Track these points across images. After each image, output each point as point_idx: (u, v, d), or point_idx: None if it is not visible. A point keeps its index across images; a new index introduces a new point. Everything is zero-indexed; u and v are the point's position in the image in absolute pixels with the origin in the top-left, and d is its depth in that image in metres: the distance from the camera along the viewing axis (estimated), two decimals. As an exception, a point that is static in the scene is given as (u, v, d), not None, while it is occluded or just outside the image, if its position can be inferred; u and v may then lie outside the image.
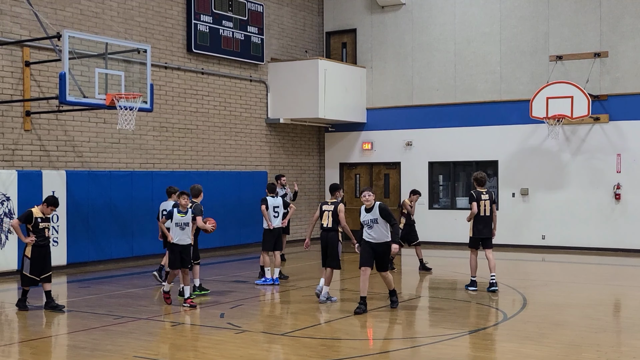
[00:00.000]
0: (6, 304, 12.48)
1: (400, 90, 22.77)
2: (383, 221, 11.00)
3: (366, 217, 11.09)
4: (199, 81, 19.78)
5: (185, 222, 11.61)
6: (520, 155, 20.94)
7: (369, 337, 9.95)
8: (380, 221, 10.99)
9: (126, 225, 17.29)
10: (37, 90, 15.84)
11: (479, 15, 21.60)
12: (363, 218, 11.11)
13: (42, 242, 11.45)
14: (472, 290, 13.09)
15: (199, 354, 8.78)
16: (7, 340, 9.53)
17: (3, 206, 14.89)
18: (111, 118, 16.88)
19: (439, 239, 21.52)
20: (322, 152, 24.13)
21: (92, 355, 8.70)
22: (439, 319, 11.04)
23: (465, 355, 8.76)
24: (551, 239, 20.45)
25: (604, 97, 19.80)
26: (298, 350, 8.84)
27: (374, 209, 11.01)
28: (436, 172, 22.57)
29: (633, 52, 19.58)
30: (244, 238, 20.39)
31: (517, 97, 20.88)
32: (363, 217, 11.11)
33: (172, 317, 10.91)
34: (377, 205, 11.02)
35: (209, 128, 20.05)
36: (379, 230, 11.03)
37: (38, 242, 11.37)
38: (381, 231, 11.04)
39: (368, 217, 11.06)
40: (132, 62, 15.80)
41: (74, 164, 16.62)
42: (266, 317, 11.27)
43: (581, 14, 20.17)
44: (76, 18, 16.61)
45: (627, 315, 11.59)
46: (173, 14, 19.06)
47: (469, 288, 13.39)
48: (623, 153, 19.63)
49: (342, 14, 23.75)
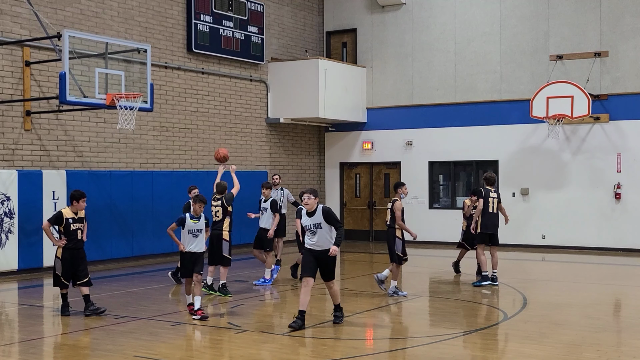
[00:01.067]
0: (6, 303, 12.49)
1: (400, 89, 22.77)
2: (327, 226, 9.95)
3: (308, 221, 10.01)
4: (199, 81, 19.79)
5: (198, 229, 10.78)
6: (521, 154, 20.94)
7: (369, 337, 9.95)
8: (324, 226, 9.93)
9: (126, 225, 17.29)
10: (38, 90, 15.85)
11: (479, 15, 21.60)
12: (305, 223, 10.04)
13: (73, 245, 10.85)
14: (487, 285, 13.36)
15: (199, 354, 8.78)
16: (7, 339, 9.53)
17: (3, 206, 14.89)
18: (111, 118, 16.89)
19: (439, 238, 21.53)
20: (323, 151, 24.14)
21: (93, 355, 8.71)
22: (439, 319, 11.04)
23: (465, 355, 8.76)
24: (551, 238, 20.45)
25: (604, 96, 19.79)
26: (298, 350, 8.84)
27: (317, 213, 9.94)
28: (436, 171, 22.57)
29: (633, 52, 19.58)
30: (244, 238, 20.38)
31: (518, 96, 20.88)
32: (304, 221, 10.05)
33: (172, 317, 10.91)
34: (321, 209, 9.98)
35: (209, 128, 20.05)
36: (322, 236, 9.96)
37: (69, 245, 10.81)
38: (325, 237, 9.97)
39: (310, 221, 9.99)
40: (132, 62, 15.81)
41: (74, 164, 16.62)
42: (266, 317, 11.27)
43: (581, 13, 20.17)
44: (76, 18, 16.61)
45: (627, 315, 11.58)
46: (173, 13, 19.06)
47: (481, 283, 13.46)
48: (623, 153, 19.63)
49: (342, 14, 23.75)
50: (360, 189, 23.68)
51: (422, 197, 22.31)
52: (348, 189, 23.82)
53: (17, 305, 12.30)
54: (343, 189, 23.88)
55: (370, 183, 23.51)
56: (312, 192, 9.99)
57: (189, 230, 10.74)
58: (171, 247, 16.89)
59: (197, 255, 10.75)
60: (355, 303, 12.14)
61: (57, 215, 10.91)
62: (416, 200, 22.29)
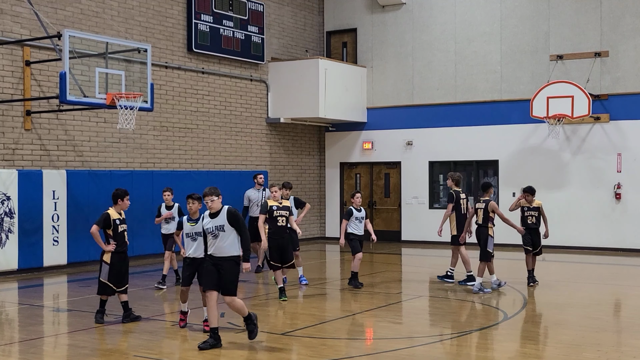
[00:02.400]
0: (6, 303, 12.49)
1: (400, 89, 22.77)
2: (231, 229, 8.88)
3: (210, 223, 8.93)
4: (199, 81, 19.79)
5: (196, 232, 9.75)
6: (521, 154, 20.94)
7: (369, 337, 9.95)
8: (227, 229, 8.87)
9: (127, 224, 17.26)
10: (38, 90, 15.85)
11: (479, 14, 21.60)
12: (206, 225, 8.97)
13: (121, 248, 10.29)
14: (471, 285, 13.27)
15: (199, 353, 8.77)
16: (7, 339, 9.53)
17: (3, 206, 14.89)
18: (111, 117, 16.89)
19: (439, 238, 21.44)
20: (323, 151, 24.13)
21: (93, 354, 8.70)
22: (439, 319, 11.04)
23: (465, 355, 8.76)
24: (551, 238, 20.34)
25: (605, 96, 19.79)
26: (298, 350, 8.84)
27: (221, 214, 8.92)
28: (436, 171, 22.56)
29: (634, 52, 19.58)
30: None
31: (518, 96, 20.87)
32: (206, 224, 8.97)
33: (172, 316, 10.91)
34: (226, 210, 8.95)
35: (209, 127, 20.05)
36: (225, 241, 8.88)
37: (117, 249, 10.24)
38: (228, 242, 8.89)
39: (212, 223, 8.92)
40: (133, 62, 15.81)
41: (74, 164, 16.63)
42: (266, 316, 11.26)
43: (582, 13, 20.17)
44: (76, 17, 16.61)
45: (627, 315, 11.58)
46: (173, 13, 19.06)
47: (467, 284, 13.52)
48: (623, 152, 19.62)
49: (343, 14, 23.75)
50: (361, 188, 23.66)
51: (422, 197, 22.31)
52: (348, 189, 23.80)
53: (17, 305, 12.30)
54: (343, 188, 23.87)
55: (371, 183, 23.51)
56: (216, 194, 8.97)
57: (187, 233, 9.92)
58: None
59: (198, 262, 9.75)
60: (356, 303, 12.14)
61: (105, 218, 10.21)
62: (416, 200, 22.30)
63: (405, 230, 22.64)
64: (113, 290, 10.26)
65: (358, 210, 13.84)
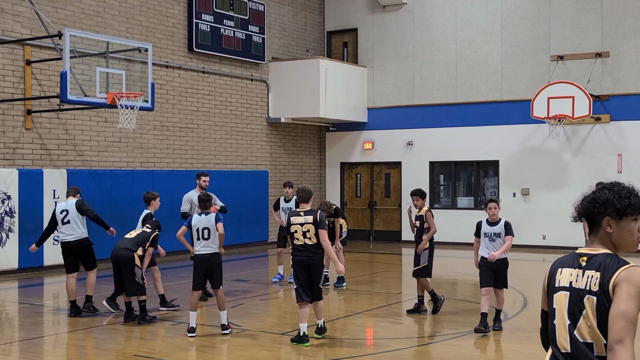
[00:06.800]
0: (7, 302, 12.49)
1: (401, 89, 22.77)
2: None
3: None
4: (200, 80, 19.79)
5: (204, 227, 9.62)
6: (521, 155, 20.93)
7: (369, 337, 9.95)
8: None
9: (127, 224, 17.19)
10: (38, 89, 15.85)
11: (480, 15, 21.60)
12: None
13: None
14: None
15: (199, 353, 8.78)
16: (7, 338, 9.54)
17: (4, 205, 14.89)
18: (112, 117, 16.89)
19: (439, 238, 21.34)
20: (323, 151, 24.14)
21: (93, 354, 8.71)
22: (439, 319, 11.04)
23: (465, 355, 8.75)
24: (552, 239, 20.45)
25: (605, 97, 19.79)
26: (298, 350, 8.84)
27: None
28: (437, 171, 22.57)
29: (634, 52, 19.57)
30: (245, 237, 20.40)
31: (518, 97, 20.87)
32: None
33: (172, 316, 10.91)
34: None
35: (209, 127, 20.06)
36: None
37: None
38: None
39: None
40: (133, 61, 15.81)
41: (74, 163, 16.63)
42: (266, 316, 11.27)
43: (582, 14, 20.17)
44: (77, 17, 16.61)
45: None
46: (174, 13, 19.07)
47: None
48: (624, 153, 19.62)
49: (343, 14, 23.75)
50: (361, 188, 23.68)
51: (423, 197, 22.27)
52: (349, 189, 23.81)
53: (17, 304, 12.31)
54: (344, 188, 23.87)
55: (371, 183, 23.51)
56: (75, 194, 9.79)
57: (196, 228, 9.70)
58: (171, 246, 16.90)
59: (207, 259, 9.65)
60: (355, 303, 12.14)
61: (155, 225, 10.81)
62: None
63: (405, 230, 22.64)
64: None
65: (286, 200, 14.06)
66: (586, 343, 3.30)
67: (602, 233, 3.45)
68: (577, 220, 3.58)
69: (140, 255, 10.35)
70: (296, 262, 9.03)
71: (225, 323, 9.56)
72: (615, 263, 3.33)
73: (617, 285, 3.24)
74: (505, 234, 9.68)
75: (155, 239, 10.69)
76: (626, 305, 3.17)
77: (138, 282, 10.20)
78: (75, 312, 10.72)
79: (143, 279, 10.30)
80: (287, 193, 14.07)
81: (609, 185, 3.56)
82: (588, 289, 3.32)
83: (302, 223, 8.95)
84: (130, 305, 10.35)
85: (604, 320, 3.23)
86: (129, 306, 10.34)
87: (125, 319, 10.28)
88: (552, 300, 3.45)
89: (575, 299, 3.35)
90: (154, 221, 10.98)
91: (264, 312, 11.59)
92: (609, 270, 3.30)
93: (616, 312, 3.18)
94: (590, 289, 3.31)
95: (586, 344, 3.30)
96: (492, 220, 9.74)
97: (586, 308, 3.31)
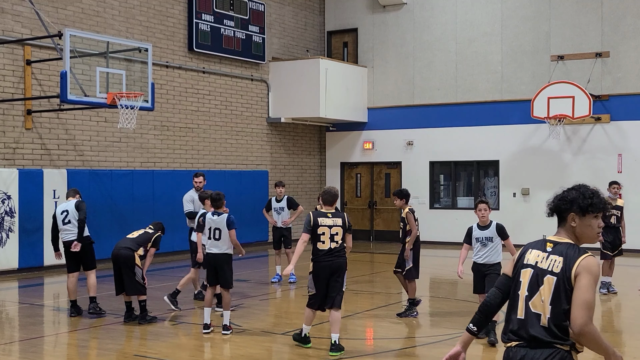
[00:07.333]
0: (7, 302, 12.49)
1: (401, 89, 22.76)
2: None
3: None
4: (200, 80, 19.79)
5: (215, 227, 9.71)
6: (521, 155, 20.93)
7: (369, 337, 9.95)
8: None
9: (127, 224, 17.26)
10: (39, 89, 15.85)
11: (480, 15, 21.59)
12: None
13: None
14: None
15: (199, 353, 8.78)
16: (7, 338, 9.54)
17: (4, 205, 14.90)
18: (112, 117, 16.88)
19: (439, 238, 21.51)
20: (323, 151, 24.13)
21: (93, 354, 8.71)
22: (439, 319, 11.04)
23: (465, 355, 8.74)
24: (552, 239, 20.41)
25: (605, 97, 19.79)
26: (298, 350, 8.84)
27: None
28: (437, 171, 22.57)
29: (634, 52, 19.57)
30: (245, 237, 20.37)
31: (519, 96, 20.87)
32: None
33: (172, 316, 10.91)
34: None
35: (210, 127, 20.06)
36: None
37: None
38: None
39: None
40: (133, 61, 15.81)
41: (75, 163, 16.63)
42: (266, 316, 11.27)
43: (583, 14, 20.16)
44: (77, 17, 16.61)
45: (627, 315, 11.58)
46: (174, 12, 19.07)
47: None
48: (624, 153, 19.62)
49: (344, 14, 23.75)
50: (361, 188, 23.69)
51: (423, 197, 22.30)
52: (349, 189, 23.81)
53: (18, 304, 12.31)
54: (344, 188, 23.87)
55: (371, 183, 23.51)
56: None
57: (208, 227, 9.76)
58: (171, 246, 16.92)
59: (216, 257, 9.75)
60: (355, 303, 12.14)
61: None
62: (417, 200, 22.28)
63: (405, 230, 22.62)
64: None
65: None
66: (535, 313, 3.97)
67: (567, 226, 4.10)
68: (550, 215, 4.18)
69: (141, 255, 10.34)
70: (320, 267, 8.50)
71: (227, 324, 9.57)
72: (577, 253, 3.97)
73: (579, 274, 3.90)
74: (503, 239, 9.38)
75: (158, 240, 10.67)
76: (587, 294, 3.86)
77: (138, 281, 10.20)
78: (75, 312, 10.73)
79: (144, 279, 10.30)
80: (279, 193, 14.18)
81: (576, 187, 4.12)
82: (550, 270, 3.98)
83: (330, 225, 8.51)
84: (130, 305, 10.35)
85: (558, 297, 3.91)
86: (129, 306, 10.34)
87: (125, 319, 10.28)
88: (519, 274, 4.12)
89: (536, 276, 4.02)
90: (157, 222, 10.98)
91: (264, 312, 11.59)
92: (572, 259, 3.94)
93: (580, 300, 3.87)
94: (552, 270, 3.97)
95: (535, 314, 3.97)
96: (482, 223, 9.38)
97: (543, 285, 3.98)
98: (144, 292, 10.27)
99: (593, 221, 4.08)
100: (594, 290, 3.89)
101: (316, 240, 8.50)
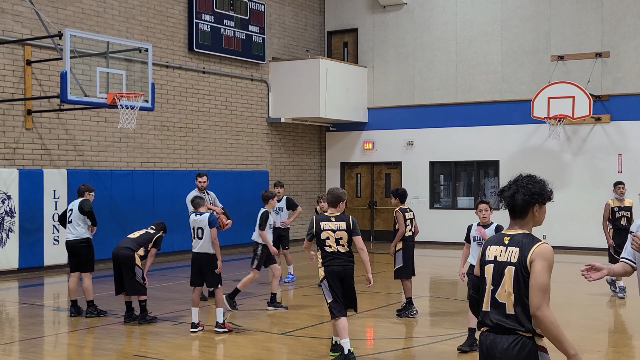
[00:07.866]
0: (7, 302, 12.49)
1: (401, 89, 22.76)
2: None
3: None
4: (200, 80, 19.79)
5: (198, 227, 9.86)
6: (522, 155, 20.93)
7: (369, 337, 9.95)
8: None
9: (127, 224, 17.26)
10: (39, 89, 15.85)
11: (480, 15, 21.59)
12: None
13: None
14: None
15: (199, 353, 8.78)
16: (7, 338, 9.54)
17: (4, 205, 14.90)
18: (112, 117, 16.89)
19: (439, 238, 21.53)
20: (323, 151, 24.13)
21: (93, 354, 8.71)
22: (439, 319, 11.04)
23: (465, 355, 8.75)
24: (552, 238, 20.38)
25: (606, 97, 19.79)
26: (298, 350, 8.84)
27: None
28: (437, 171, 22.57)
29: (634, 52, 19.57)
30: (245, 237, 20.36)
31: (519, 97, 20.87)
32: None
33: (172, 316, 10.91)
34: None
35: (210, 127, 20.06)
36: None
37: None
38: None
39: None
40: (134, 61, 15.82)
41: (75, 163, 16.63)
42: (266, 316, 11.27)
43: (583, 14, 20.16)
44: (77, 17, 16.62)
45: (627, 315, 11.58)
46: (174, 13, 19.07)
47: None
48: (624, 153, 19.62)
49: (344, 14, 23.75)
50: (361, 189, 23.69)
51: (423, 197, 22.30)
52: (349, 189, 23.80)
53: (18, 304, 12.31)
54: (344, 188, 23.86)
55: (371, 183, 23.51)
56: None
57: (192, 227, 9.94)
58: (171, 246, 16.93)
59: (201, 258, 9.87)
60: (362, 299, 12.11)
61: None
62: (417, 200, 22.29)
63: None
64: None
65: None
66: (502, 303, 4.22)
67: (527, 218, 4.32)
68: (513, 208, 4.32)
69: (141, 255, 10.35)
70: (331, 272, 8.08)
71: (220, 321, 9.60)
72: (531, 241, 4.20)
73: (534, 260, 4.15)
74: None
75: (159, 241, 10.67)
76: (541, 277, 4.11)
77: (138, 281, 10.21)
78: (75, 312, 10.73)
79: (144, 279, 10.30)
80: (278, 193, 14.17)
81: (527, 179, 4.33)
82: (508, 261, 4.23)
83: (334, 229, 8.07)
84: (130, 305, 10.35)
85: (519, 286, 4.16)
86: (129, 306, 10.34)
87: (125, 319, 10.29)
88: (483, 270, 4.35)
89: (498, 269, 4.27)
90: (159, 223, 10.98)
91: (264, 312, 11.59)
92: (527, 247, 4.18)
93: (535, 284, 4.11)
94: (510, 261, 4.23)
95: (502, 304, 4.22)
96: (483, 223, 9.24)
97: (505, 276, 4.22)
98: (144, 292, 10.28)
99: (545, 207, 4.35)
100: (548, 275, 4.11)
101: (322, 245, 8.15)
